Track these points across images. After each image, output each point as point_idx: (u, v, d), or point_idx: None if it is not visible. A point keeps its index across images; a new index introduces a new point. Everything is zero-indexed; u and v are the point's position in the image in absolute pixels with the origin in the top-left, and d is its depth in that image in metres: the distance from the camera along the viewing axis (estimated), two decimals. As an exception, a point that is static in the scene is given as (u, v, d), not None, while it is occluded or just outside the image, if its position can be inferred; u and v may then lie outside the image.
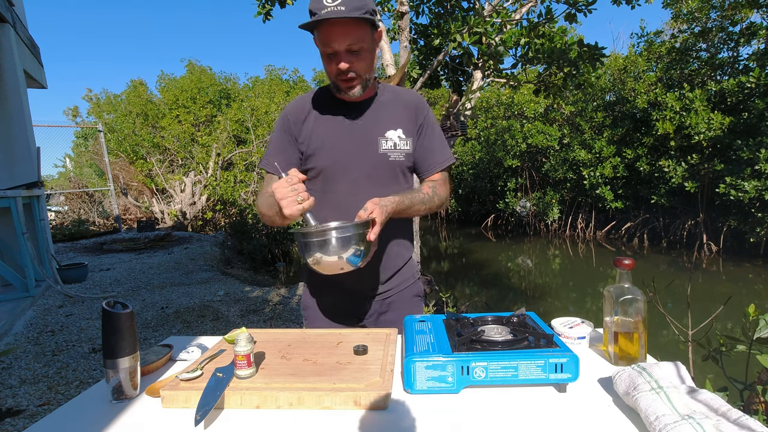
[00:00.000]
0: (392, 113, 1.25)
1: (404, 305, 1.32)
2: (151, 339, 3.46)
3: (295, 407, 0.81)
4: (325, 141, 1.21)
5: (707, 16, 9.17)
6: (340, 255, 0.99)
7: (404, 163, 1.24)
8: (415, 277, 1.38)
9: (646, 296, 0.95)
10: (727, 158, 8.36)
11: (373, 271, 1.28)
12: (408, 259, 1.35)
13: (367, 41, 1.11)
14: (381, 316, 1.32)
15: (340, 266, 1.02)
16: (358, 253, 1.01)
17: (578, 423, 0.74)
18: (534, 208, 12.20)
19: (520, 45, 4.71)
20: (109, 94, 18.09)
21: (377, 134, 1.22)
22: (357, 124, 1.23)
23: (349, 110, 1.23)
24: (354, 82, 1.14)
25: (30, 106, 5.00)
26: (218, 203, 11.42)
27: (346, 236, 0.99)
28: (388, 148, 1.22)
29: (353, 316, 1.32)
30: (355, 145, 1.21)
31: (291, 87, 21.35)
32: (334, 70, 1.12)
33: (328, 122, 1.23)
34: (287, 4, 4.33)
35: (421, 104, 1.28)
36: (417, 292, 1.38)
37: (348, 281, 1.27)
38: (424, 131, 1.27)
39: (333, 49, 1.09)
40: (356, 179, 1.20)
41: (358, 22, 1.07)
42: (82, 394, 0.91)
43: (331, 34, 1.07)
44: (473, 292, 7.21)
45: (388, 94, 1.28)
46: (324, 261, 1.00)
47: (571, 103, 11.32)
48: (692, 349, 1.64)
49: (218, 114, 16.46)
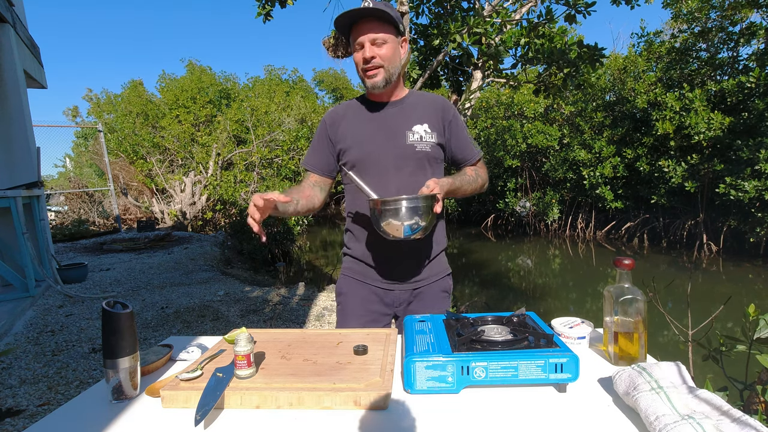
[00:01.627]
0: (419, 111, 1.37)
1: (432, 299, 1.40)
2: (151, 339, 3.46)
3: (295, 407, 0.81)
4: (357, 136, 1.35)
5: (707, 16, 9.17)
6: (404, 221, 1.12)
7: (430, 153, 1.34)
8: (445, 272, 1.45)
9: (646, 296, 0.95)
10: (727, 158, 8.36)
11: (407, 260, 1.37)
12: (440, 252, 1.43)
13: (391, 38, 1.27)
14: (410, 305, 1.40)
15: (403, 231, 1.14)
16: (423, 221, 1.14)
17: (578, 423, 0.74)
18: (534, 208, 12.19)
19: (520, 45, 4.71)
20: (109, 94, 18.11)
21: (405, 128, 1.34)
22: (386, 121, 1.36)
23: (379, 109, 1.37)
24: (377, 70, 1.27)
25: (30, 106, 5.00)
26: (218, 203, 11.42)
27: (413, 206, 1.12)
28: (414, 140, 1.33)
29: (384, 303, 1.39)
30: (384, 137, 1.33)
31: (291, 87, 21.36)
32: (360, 60, 1.27)
33: (361, 122, 1.37)
34: (287, 4, 4.33)
35: (447, 104, 1.41)
36: (445, 288, 1.45)
37: (382, 269, 1.37)
38: (456, 127, 1.40)
39: (360, 41, 1.25)
40: (385, 168, 1.32)
41: (381, 19, 1.24)
42: (82, 394, 0.91)
43: (359, 28, 1.25)
44: (473, 292, 7.21)
45: (415, 97, 1.41)
46: (392, 225, 1.13)
47: (571, 103, 11.31)
48: (692, 349, 1.64)
49: (218, 114, 16.46)
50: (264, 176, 13.22)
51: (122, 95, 17.99)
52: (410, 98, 1.40)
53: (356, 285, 1.41)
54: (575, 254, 9.99)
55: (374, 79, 1.27)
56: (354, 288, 1.41)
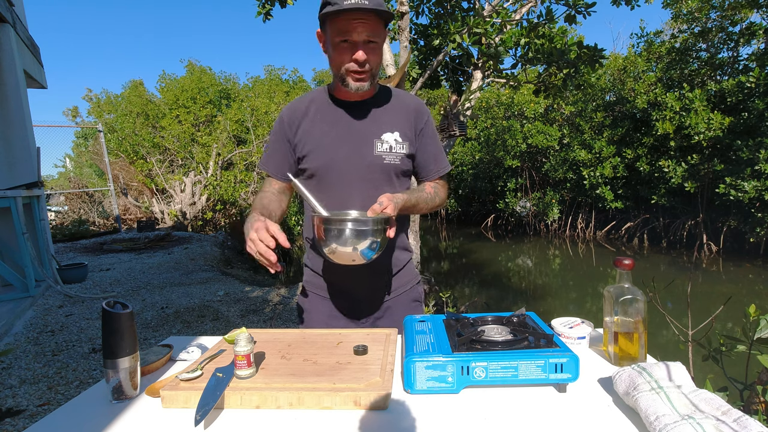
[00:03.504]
0: (391, 115, 1.23)
1: (403, 311, 1.29)
2: (151, 339, 3.46)
3: (295, 407, 0.81)
4: (319, 142, 1.20)
5: (707, 16, 9.18)
6: (356, 246, 0.98)
7: (399, 166, 1.22)
8: (414, 281, 1.35)
9: (646, 296, 0.95)
10: (727, 158, 8.36)
11: (371, 274, 1.26)
12: (406, 263, 1.33)
13: (382, 37, 1.14)
14: (378, 321, 1.30)
15: (353, 258, 1.01)
16: (374, 247, 1.01)
17: (578, 423, 0.74)
18: (534, 208, 12.20)
19: (520, 45, 4.71)
20: (109, 94, 18.09)
21: (373, 136, 1.20)
22: (353, 126, 1.21)
23: (346, 110, 1.22)
24: (365, 75, 1.14)
25: (30, 106, 5.00)
26: (218, 203, 11.42)
27: (363, 229, 0.98)
28: (383, 151, 1.20)
29: (350, 319, 1.30)
30: (350, 146, 1.19)
31: (291, 87, 21.36)
32: (346, 60, 1.11)
33: (324, 123, 1.22)
34: (287, 4, 4.34)
35: (421, 109, 1.27)
36: (416, 297, 1.35)
37: (345, 283, 1.27)
38: (425, 137, 1.27)
39: (352, 39, 1.09)
40: (349, 181, 1.19)
41: (378, 17, 1.09)
42: (82, 394, 0.91)
43: (352, 25, 1.07)
44: (473, 292, 7.20)
45: (388, 96, 1.26)
46: (339, 251, 0.99)
47: (571, 103, 11.31)
48: (692, 349, 1.64)
49: (218, 114, 16.46)
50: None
51: (122, 95, 17.99)
52: (382, 97, 1.25)
53: (319, 301, 1.30)
54: (575, 254, 9.99)
55: (362, 83, 1.14)
56: (316, 305, 1.30)
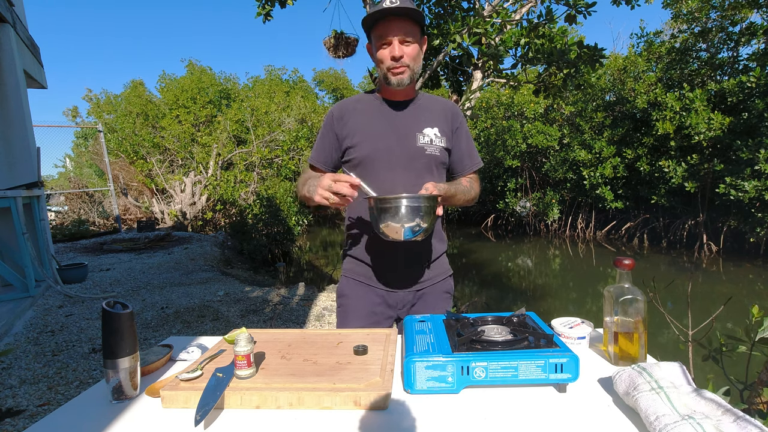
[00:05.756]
0: (430, 114, 1.37)
1: (435, 300, 1.40)
2: (151, 339, 3.46)
3: (295, 407, 0.81)
4: (367, 132, 1.33)
5: (707, 16, 9.17)
6: (405, 223, 1.08)
7: (438, 158, 1.35)
8: (447, 273, 1.45)
9: (646, 296, 0.95)
10: (727, 158, 8.36)
11: (409, 260, 1.36)
12: (441, 253, 1.43)
13: (417, 37, 1.28)
14: (413, 307, 1.39)
15: (403, 233, 1.10)
16: (424, 223, 1.10)
17: (578, 423, 0.74)
18: (534, 208, 12.19)
19: (520, 45, 4.71)
20: (109, 94, 18.09)
21: (416, 129, 1.34)
22: (398, 120, 1.35)
23: (391, 107, 1.36)
24: (404, 69, 1.27)
25: (30, 106, 5.00)
26: (218, 203, 11.42)
27: (415, 206, 1.08)
28: (425, 143, 1.33)
29: (388, 305, 1.38)
30: (395, 137, 1.33)
31: (291, 87, 21.36)
32: (387, 57, 1.27)
33: (371, 118, 1.36)
34: (287, 4, 4.33)
35: (456, 110, 1.42)
36: (447, 289, 1.44)
37: (386, 269, 1.36)
38: (461, 135, 1.41)
39: (388, 39, 1.25)
40: (393, 169, 1.31)
41: (410, 19, 1.25)
42: (82, 394, 0.91)
43: (389, 27, 1.24)
44: (473, 292, 7.20)
45: (426, 99, 1.42)
46: (391, 227, 1.09)
47: (571, 103, 11.31)
48: (692, 349, 1.64)
49: (218, 114, 16.46)
50: (264, 176, 13.23)
51: (122, 95, 17.99)
52: (421, 100, 1.40)
53: (359, 287, 1.39)
54: (575, 254, 9.99)
55: (401, 77, 1.28)
56: (356, 290, 1.39)
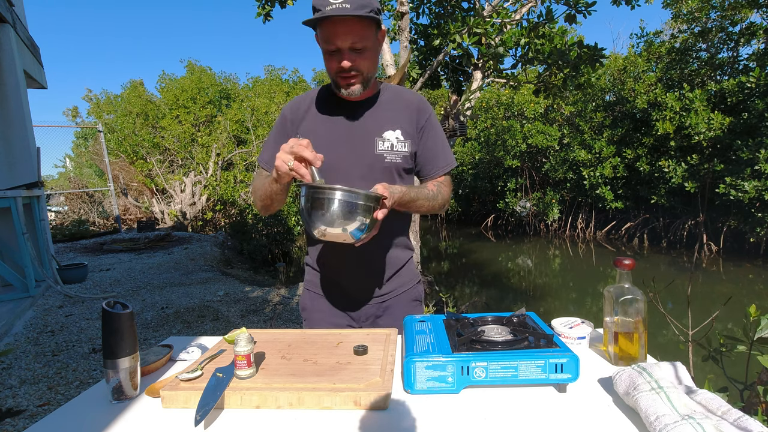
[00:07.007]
0: (392, 113, 1.23)
1: (401, 309, 1.29)
2: (151, 339, 3.46)
3: (295, 407, 0.81)
4: (320, 141, 1.17)
5: (707, 16, 9.18)
6: (344, 224, 0.95)
7: (401, 165, 1.21)
8: (414, 281, 1.34)
9: (646, 296, 0.95)
10: (727, 158, 8.36)
11: (370, 271, 1.26)
12: (406, 261, 1.33)
13: (371, 40, 1.10)
14: (377, 319, 1.30)
15: (341, 236, 0.97)
16: (362, 227, 0.97)
17: (578, 423, 0.74)
18: (534, 208, 12.20)
19: (520, 45, 4.71)
20: (109, 94, 18.09)
21: (374, 134, 1.20)
22: (355, 124, 1.21)
23: (348, 109, 1.22)
24: (354, 80, 1.12)
25: (30, 106, 5.00)
26: (218, 203, 11.42)
27: (352, 202, 0.94)
28: (384, 149, 1.20)
29: (350, 318, 1.30)
30: (351, 145, 1.19)
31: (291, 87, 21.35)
32: (335, 68, 1.11)
33: (326, 121, 1.22)
34: (287, 4, 4.34)
35: (423, 105, 1.26)
36: (416, 296, 1.35)
37: (344, 281, 1.27)
38: (426, 133, 1.25)
39: (336, 46, 1.08)
40: (351, 180, 1.16)
41: (363, 21, 1.06)
42: (82, 394, 0.91)
43: (335, 32, 1.06)
44: (473, 292, 7.20)
45: (389, 94, 1.26)
46: (328, 231, 0.96)
47: (571, 103, 11.31)
48: (692, 349, 1.64)
49: (218, 114, 16.46)
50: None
51: (122, 95, 17.99)
52: (384, 95, 1.25)
53: (319, 300, 1.31)
54: (575, 254, 9.99)
55: (351, 88, 1.13)
56: (317, 304, 1.31)
